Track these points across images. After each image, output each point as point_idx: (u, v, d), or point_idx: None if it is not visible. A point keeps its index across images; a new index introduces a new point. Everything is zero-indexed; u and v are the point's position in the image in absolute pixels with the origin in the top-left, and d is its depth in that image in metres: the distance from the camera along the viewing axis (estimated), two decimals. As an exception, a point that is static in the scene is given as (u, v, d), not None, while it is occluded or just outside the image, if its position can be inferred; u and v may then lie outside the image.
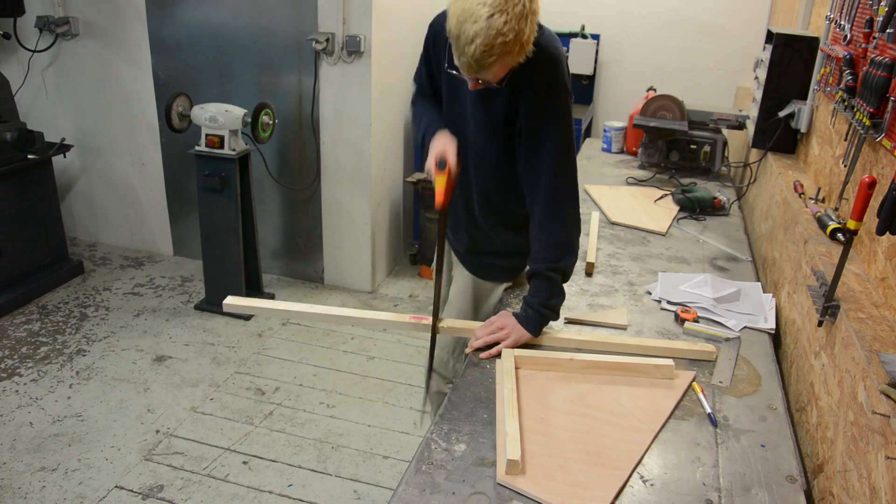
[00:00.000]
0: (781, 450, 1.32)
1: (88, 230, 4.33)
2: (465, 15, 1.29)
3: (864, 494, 1.07)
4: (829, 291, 1.36)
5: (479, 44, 1.29)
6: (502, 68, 1.39)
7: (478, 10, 1.27)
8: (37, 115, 4.02)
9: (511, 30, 1.29)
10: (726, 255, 2.24)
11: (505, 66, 1.38)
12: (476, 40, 1.29)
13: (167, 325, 3.41)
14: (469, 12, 1.28)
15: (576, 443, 1.30)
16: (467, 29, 1.29)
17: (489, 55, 1.31)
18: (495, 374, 1.51)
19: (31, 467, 2.44)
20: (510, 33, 1.29)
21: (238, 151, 3.24)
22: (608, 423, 1.36)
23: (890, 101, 1.45)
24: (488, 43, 1.29)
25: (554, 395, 1.44)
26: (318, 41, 3.31)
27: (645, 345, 1.62)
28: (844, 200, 1.73)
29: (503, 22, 1.27)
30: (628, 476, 1.22)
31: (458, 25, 1.31)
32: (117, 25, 3.73)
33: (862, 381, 1.16)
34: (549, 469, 1.22)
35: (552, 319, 1.62)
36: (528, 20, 1.32)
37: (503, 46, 1.30)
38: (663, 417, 1.39)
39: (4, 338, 3.23)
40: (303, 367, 3.12)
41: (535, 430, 1.32)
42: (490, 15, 1.27)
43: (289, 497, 2.37)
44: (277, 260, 3.97)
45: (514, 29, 1.29)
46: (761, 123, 2.52)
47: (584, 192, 2.72)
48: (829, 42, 2.14)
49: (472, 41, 1.29)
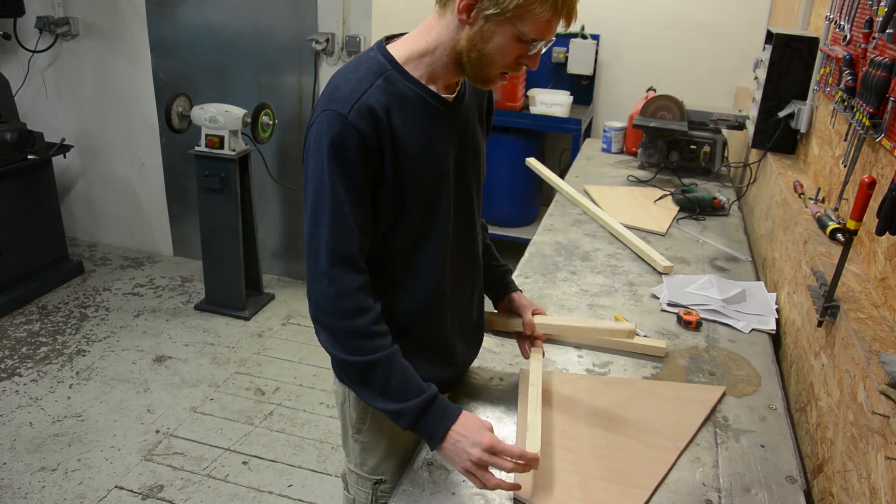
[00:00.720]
0: (781, 450, 1.32)
1: (88, 230, 4.33)
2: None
3: (864, 495, 1.07)
4: (829, 291, 1.36)
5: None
6: None
7: None
8: (37, 115, 4.02)
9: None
10: (726, 256, 2.24)
11: None
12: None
13: (167, 326, 3.41)
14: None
15: (597, 458, 1.26)
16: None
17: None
18: (500, 375, 1.51)
19: (31, 467, 2.44)
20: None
21: (238, 152, 3.24)
22: (632, 439, 1.32)
23: (890, 102, 1.45)
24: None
25: (576, 408, 1.40)
26: (317, 41, 3.31)
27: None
28: (844, 201, 1.73)
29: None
30: (650, 495, 1.18)
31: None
32: (117, 26, 3.73)
33: (862, 382, 1.16)
34: (568, 486, 1.18)
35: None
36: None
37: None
38: (689, 434, 1.34)
39: (4, 338, 3.23)
40: (303, 367, 3.12)
41: (555, 444, 1.28)
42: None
43: (289, 497, 2.37)
44: (277, 260, 3.97)
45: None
46: (761, 124, 2.51)
47: (583, 192, 2.72)
48: (828, 42, 2.14)
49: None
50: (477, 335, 1.47)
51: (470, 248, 1.36)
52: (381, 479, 1.41)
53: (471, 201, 1.31)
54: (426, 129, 1.16)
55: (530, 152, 3.65)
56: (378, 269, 1.22)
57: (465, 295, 1.38)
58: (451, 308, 1.33)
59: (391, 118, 1.12)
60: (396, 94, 1.13)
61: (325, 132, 1.09)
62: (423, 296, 1.27)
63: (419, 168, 1.17)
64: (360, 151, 1.10)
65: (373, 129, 1.10)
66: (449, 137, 1.21)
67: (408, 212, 1.19)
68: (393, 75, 1.13)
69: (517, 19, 1.06)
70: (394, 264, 1.24)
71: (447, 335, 1.34)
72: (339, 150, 1.09)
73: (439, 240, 1.24)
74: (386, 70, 1.13)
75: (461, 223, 1.29)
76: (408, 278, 1.26)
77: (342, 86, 1.12)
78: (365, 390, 1.17)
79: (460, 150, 1.24)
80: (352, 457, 1.44)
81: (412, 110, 1.14)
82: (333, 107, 1.10)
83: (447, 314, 1.32)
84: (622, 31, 4.09)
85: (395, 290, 1.25)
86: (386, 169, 1.13)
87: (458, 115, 1.22)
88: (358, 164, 1.10)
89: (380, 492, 1.42)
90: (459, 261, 1.32)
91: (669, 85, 3.73)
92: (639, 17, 4.00)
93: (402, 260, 1.24)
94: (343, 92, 1.11)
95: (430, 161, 1.18)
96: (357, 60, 1.18)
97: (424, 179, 1.18)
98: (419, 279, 1.26)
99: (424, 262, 1.25)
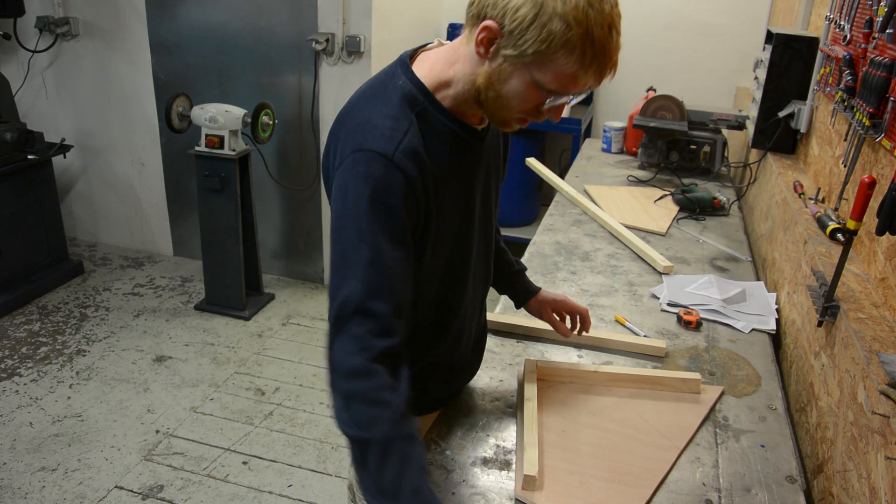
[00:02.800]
0: (781, 450, 1.32)
1: (88, 230, 4.33)
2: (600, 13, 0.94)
3: (864, 495, 1.07)
4: (829, 291, 1.36)
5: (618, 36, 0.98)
6: None
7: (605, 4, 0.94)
8: (37, 115, 4.02)
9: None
10: (726, 256, 2.24)
11: None
12: (618, 32, 0.98)
13: (167, 326, 3.41)
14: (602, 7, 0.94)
15: (597, 458, 1.26)
16: (604, 7, 0.94)
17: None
18: (500, 375, 1.51)
19: (31, 467, 2.44)
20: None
21: (238, 152, 3.24)
22: (631, 439, 1.32)
23: (890, 102, 1.45)
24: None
25: (576, 408, 1.40)
26: (317, 41, 3.31)
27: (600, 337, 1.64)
28: (844, 201, 1.73)
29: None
30: (651, 495, 1.18)
31: (590, 6, 0.92)
32: (117, 25, 3.73)
33: (862, 382, 1.16)
34: (569, 486, 1.18)
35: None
36: None
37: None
38: (689, 434, 1.34)
39: (4, 338, 3.23)
40: (303, 367, 3.12)
41: (555, 444, 1.29)
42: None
43: (289, 497, 2.37)
44: (277, 260, 3.97)
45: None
46: (761, 123, 2.52)
47: (583, 192, 2.72)
48: (828, 42, 2.14)
49: (611, 20, 0.96)
50: (482, 343, 1.46)
51: (485, 264, 1.31)
52: None
53: (490, 222, 1.26)
54: (458, 163, 1.09)
55: (530, 152, 3.65)
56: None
57: (479, 309, 1.36)
58: (469, 325, 1.30)
59: (431, 158, 1.02)
60: (431, 130, 1.04)
61: (364, 175, 0.96)
62: (448, 327, 1.24)
63: (452, 202, 1.09)
64: (406, 196, 0.98)
65: (418, 172, 0.99)
66: (477, 167, 1.14)
67: (439, 244, 1.11)
68: (427, 108, 1.04)
69: (536, 66, 0.94)
70: (423, 304, 1.16)
71: (464, 352, 1.32)
72: (383, 196, 0.97)
73: (464, 266, 1.19)
74: (420, 103, 1.03)
75: (481, 245, 1.25)
76: (434, 316, 1.20)
77: (377, 122, 1.00)
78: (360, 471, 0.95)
79: (486, 175, 1.18)
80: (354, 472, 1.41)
81: (445, 144, 1.06)
82: (373, 147, 0.97)
83: (464, 333, 1.29)
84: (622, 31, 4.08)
85: (415, 310, 1.15)
86: (431, 216, 1.04)
87: (485, 142, 1.15)
88: (403, 211, 0.98)
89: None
90: (477, 280, 1.28)
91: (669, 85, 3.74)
92: (639, 17, 4.00)
93: (431, 299, 1.18)
94: (381, 130, 0.99)
95: (462, 194, 1.11)
96: (382, 86, 1.06)
97: (457, 213, 1.11)
98: (444, 311, 1.21)
99: (451, 297, 1.20)
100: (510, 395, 1.45)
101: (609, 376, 1.48)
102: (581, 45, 0.92)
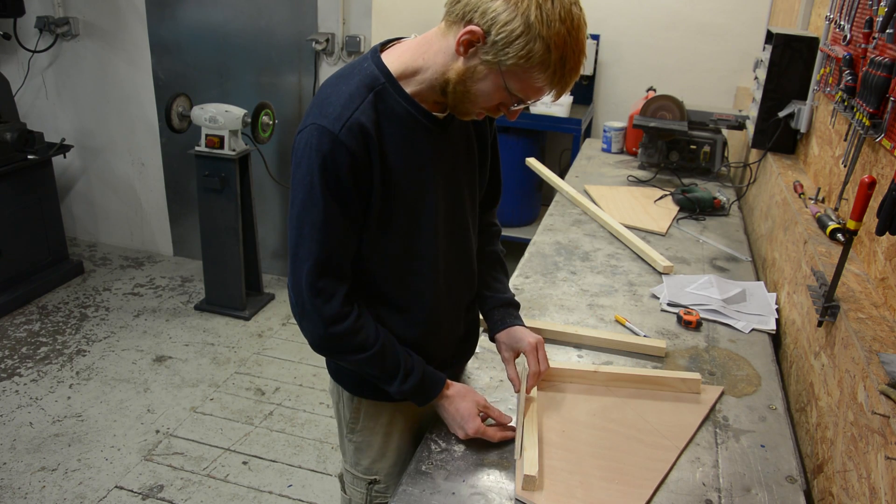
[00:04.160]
0: (781, 450, 1.32)
1: (88, 230, 4.33)
2: (571, 21, 1.04)
3: (864, 495, 1.07)
4: (829, 291, 1.36)
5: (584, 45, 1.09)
6: None
7: (574, 10, 1.05)
8: (37, 115, 4.02)
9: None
10: (726, 256, 2.24)
11: None
12: (585, 56, 1.09)
13: (167, 326, 3.41)
14: (574, 17, 1.04)
15: (598, 458, 1.26)
16: (581, 37, 1.07)
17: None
18: (500, 375, 1.51)
19: (31, 467, 2.44)
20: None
21: (238, 152, 3.24)
22: (632, 439, 1.32)
23: (890, 102, 1.45)
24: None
25: (576, 408, 1.40)
26: (317, 41, 3.31)
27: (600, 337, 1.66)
28: (844, 201, 1.73)
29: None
30: (651, 495, 1.18)
31: (569, 34, 1.03)
32: (117, 25, 3.73)
33: (862, 382, 1.16)
34: (570, 486, 1.19)
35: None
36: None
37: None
38: (689, 434, 1.34)
39: (4, 338, 3.23)
40: (303, 367, 3.12)
41: (555, 444, 1.29)
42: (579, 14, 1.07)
43: (289, 497, 2.37)
44: (277, 260, 3.97)
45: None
46: (761, 123, 2.52)
47: (583, 192, 2.72)
48: (828, 42, 2.14)
49: (582, 48, 1.07)
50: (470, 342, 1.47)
51: (461, 257, 1.33)
52: (375, 479, 1.42)
53: (464, 217, 1.30)
54: (413, 146, 1.15)
55: (530, 152, 3.65)
56: (373, 291, 1.24)
57: (461, 306, 1.38)
58: (445, 322, 1.34)
59: (381, 134, 1.11)
60: (386, 109, 1.12)
61: (315, 147, 1.08)
62: (417, 314, 1.28)
63: (404, 184, 1.16)
64: (352, 169, 1.09)
65: (363, 147, 1.09)
66: (438, 154, 1.19)
67: (393, 225, 1.19)
68: (385, 89, 1.12)
69: (510, 75, 1.04)
70: (386, 283, 1.25)
71: (443, 347, 1.37)
72: (329, 167, 1.08)
73: (428, 257, 1.24)
74: (378, 83, 1.12)
75: (454, 238, 1.29)
76: (400, 297, 1.26)
77: (333, 99, 1.10)
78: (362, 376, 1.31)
79: (453, 168, 1.24)
80: (347, 457, 1.45)
81: (401, 126, 1.13)
82: (324, 122, 1.08)
83: (441, 329, 1.33)
84: (622, 32, 4.09)
85: (388, 308, 1.26)
86: (375, 184, 1.13)
87: (449, 132, 1.20)
88: (349, 181, 1.10)
89: (374, 492, 1.42)
90: (452, 276, 1.31)
91: (669, 85, 3.74)
92: (639, 17, 4.00)
93: (394, 278, 1.25)
94: (334, 106, 1.09)
95: (415, 177, 1.17)
96: (350, 69, 1.16)
97: (409, 194, 1.17)
98: (411, 295, 1.26)
99: (416, 281, 1.25)
100: (510, 395, 1.45)
101: (609, 376, 1.48)
102: (554, 67, 1.03)
